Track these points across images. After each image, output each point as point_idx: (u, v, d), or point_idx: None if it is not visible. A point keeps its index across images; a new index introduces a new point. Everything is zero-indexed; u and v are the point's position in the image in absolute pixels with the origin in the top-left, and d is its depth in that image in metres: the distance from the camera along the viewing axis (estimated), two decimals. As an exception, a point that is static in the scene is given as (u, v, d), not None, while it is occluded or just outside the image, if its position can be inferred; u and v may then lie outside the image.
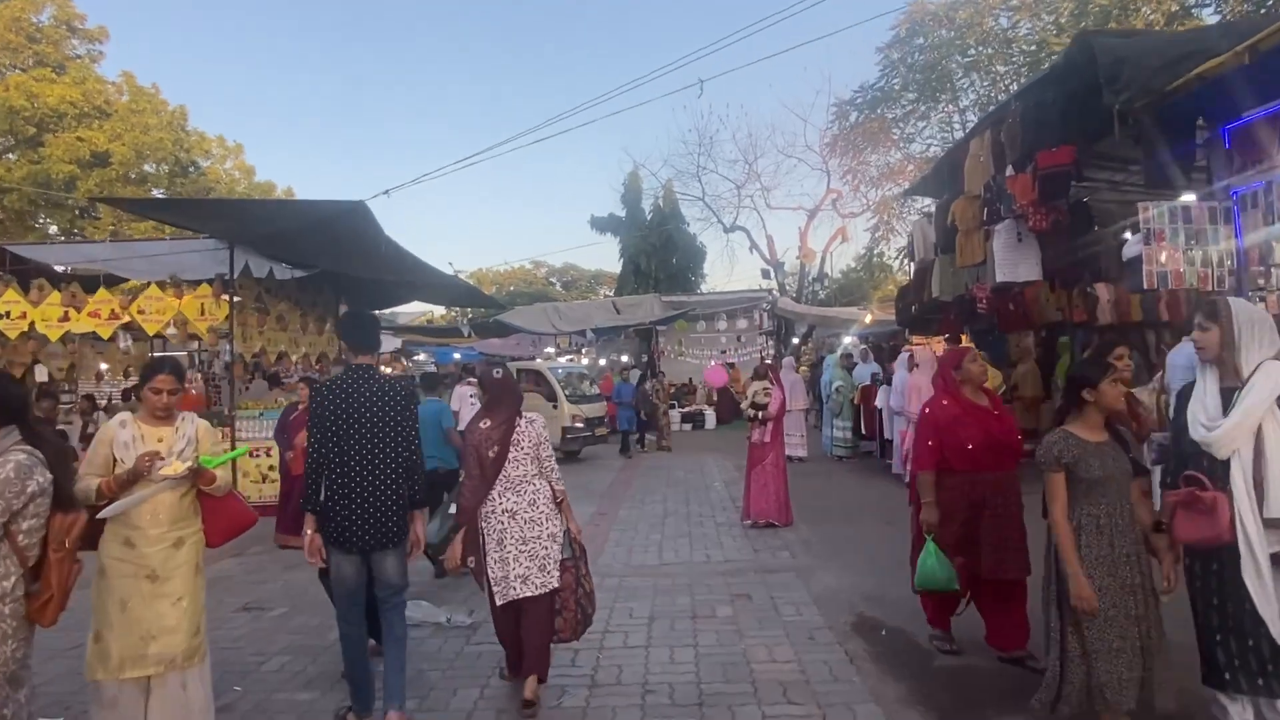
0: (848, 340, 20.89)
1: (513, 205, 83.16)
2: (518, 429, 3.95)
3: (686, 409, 20.29)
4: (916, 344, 16.45)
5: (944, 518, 4.15)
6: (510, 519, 3.86)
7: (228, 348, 10.09)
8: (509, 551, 3.84)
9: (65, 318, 9.66)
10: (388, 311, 30.51)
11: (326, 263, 10.03)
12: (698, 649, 4.54)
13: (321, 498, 3.64)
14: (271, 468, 9.26)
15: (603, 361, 22.19)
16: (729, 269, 58.00)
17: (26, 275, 9.87)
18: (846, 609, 5.20)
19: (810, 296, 28.49)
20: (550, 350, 22.41)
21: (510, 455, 3.91)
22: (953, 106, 27.32)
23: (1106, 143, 8.91)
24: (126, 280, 11.67)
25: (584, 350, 22.32)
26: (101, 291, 10.24)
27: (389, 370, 25.81)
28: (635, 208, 28.52)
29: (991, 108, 15.50)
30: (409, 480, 3.71)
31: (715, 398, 20.03)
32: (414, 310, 29.77)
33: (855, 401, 11.82)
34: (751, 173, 28.61)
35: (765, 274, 26.50)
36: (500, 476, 3.90)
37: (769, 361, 8.62)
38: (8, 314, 9.43)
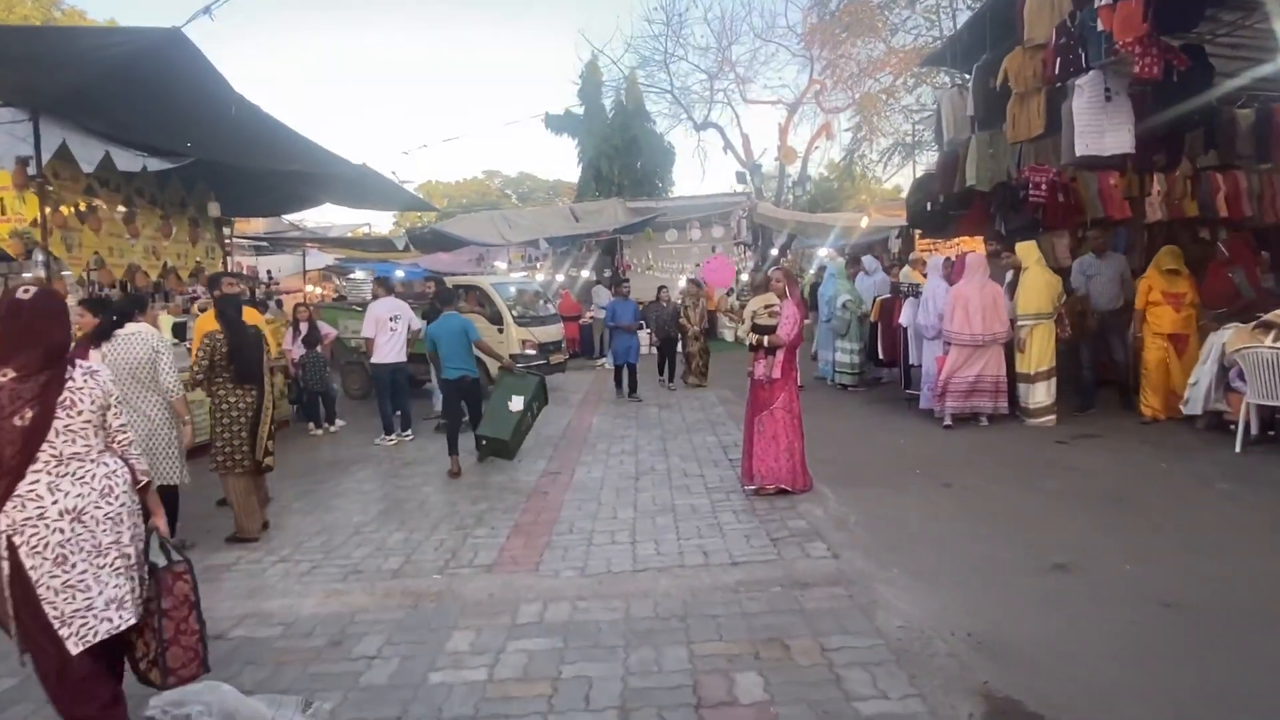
0: (823, 252, 18.61)
1: (462, 109, 77.66)
2: (70, 383, 2.59)
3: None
4: (922, 250, 14.26)
5: None
6: (75, 523, 2.53)
7: (40, 259, 7.43)
8: (80, 572, 2.52)
9: None
10: (323, 222, 27.37)
11: (161, 139, 7.29)
12: (716, 806, 2.35)
13: None
14: None
15: (560, 277, 19.62)
16: (700, 173, 54.53)
17: None
18: (958, 677, 3.03)
19: (789, 202, 25.97)
20: (501, 265, 19.75)
21: (61, 424, 2.54)
22: (943, -10, 24.43)
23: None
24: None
25: (539, 265, 19.71)
26: None
27: (319, 291, 22.97)
28: (595, 104, 25.34)
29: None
30: None
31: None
32: (351, 222, 26.68)
33: (873, 318, 9.57)
34: (725, 61, 25.55)
35: (740, 178, 23.81)
36: (47, 460, 2.51)
37: (778, 269, 6.27)
38: None
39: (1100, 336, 7.94)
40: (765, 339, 5.71)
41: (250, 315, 6.74)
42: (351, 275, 23.75)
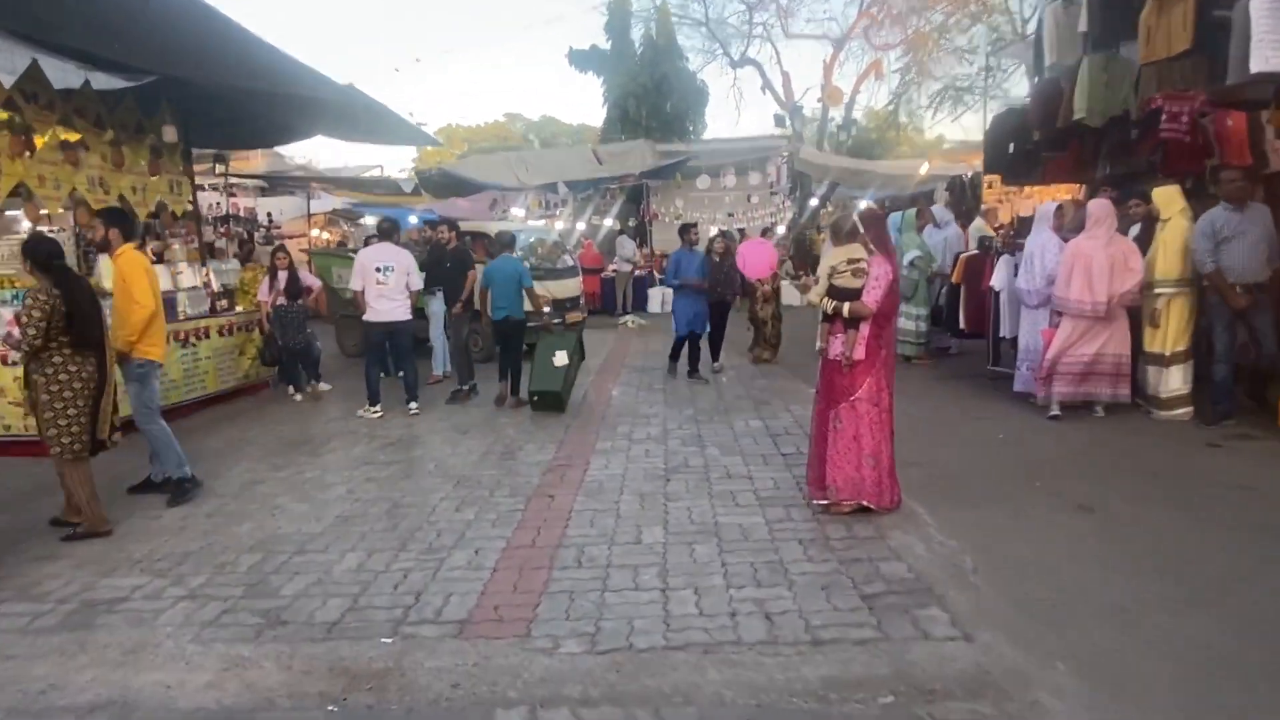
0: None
1: (481, 45, 74.75)
2: None
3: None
4: (992, 199, 12.60)
5: None
6: None
7: (-58, 188, 6.10)
8: None
9: None
10: (336, 163, 25.77)
11: (101, 46, 5.86)
12: None
13: None
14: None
15: (581, 225, 18.10)
16: (735, 115, 51.53)
17: None
18: None
19: (826, 150, 24.06)
20: (519, 212, 18.26)
21: None
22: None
23: None
24: None
25: (559, 212, 18.18)
26: None
27: (326, 235, 21.63)
28: (622, 38, 23.40)
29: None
30: None
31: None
32: (365, 162, 25.21)
33: (955, 280, 8.00)
34: (767, -9, 23.43)
35: (779, 120, 21.96)
36: None
37: (860, 212, 4.72)
38: None
39: (1241, 318, 5.87)
40: (846, 307, 4.26)
41: (127, 265, 4.86)
42: (361, 220, 22.40)
